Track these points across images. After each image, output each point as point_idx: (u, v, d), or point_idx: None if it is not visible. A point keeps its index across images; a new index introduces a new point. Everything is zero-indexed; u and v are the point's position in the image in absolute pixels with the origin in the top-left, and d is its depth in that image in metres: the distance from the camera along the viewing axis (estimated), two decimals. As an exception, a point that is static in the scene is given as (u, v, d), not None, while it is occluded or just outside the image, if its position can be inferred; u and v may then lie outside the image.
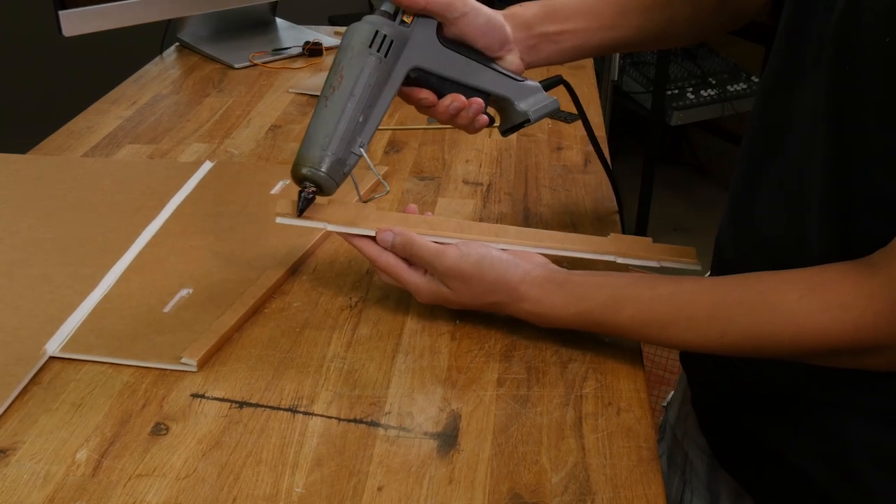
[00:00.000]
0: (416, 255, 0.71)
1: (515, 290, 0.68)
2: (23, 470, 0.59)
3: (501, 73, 0.78)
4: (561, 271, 0.70)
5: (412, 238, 0.71)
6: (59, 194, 0.96)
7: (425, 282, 0.71)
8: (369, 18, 0.75)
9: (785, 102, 0.64)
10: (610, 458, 0.61)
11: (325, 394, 0.67)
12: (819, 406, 0.65)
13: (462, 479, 0.59)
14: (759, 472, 0.71)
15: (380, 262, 0.72)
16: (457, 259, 0.69)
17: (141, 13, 1.34)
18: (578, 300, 0.67)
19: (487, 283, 0.69)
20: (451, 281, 0.69)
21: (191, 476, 0.59)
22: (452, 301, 0.71)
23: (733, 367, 0.70)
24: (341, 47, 0.74)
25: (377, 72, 0.73)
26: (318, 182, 0.72)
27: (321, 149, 0.71)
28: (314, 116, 0.73)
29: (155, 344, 0.71)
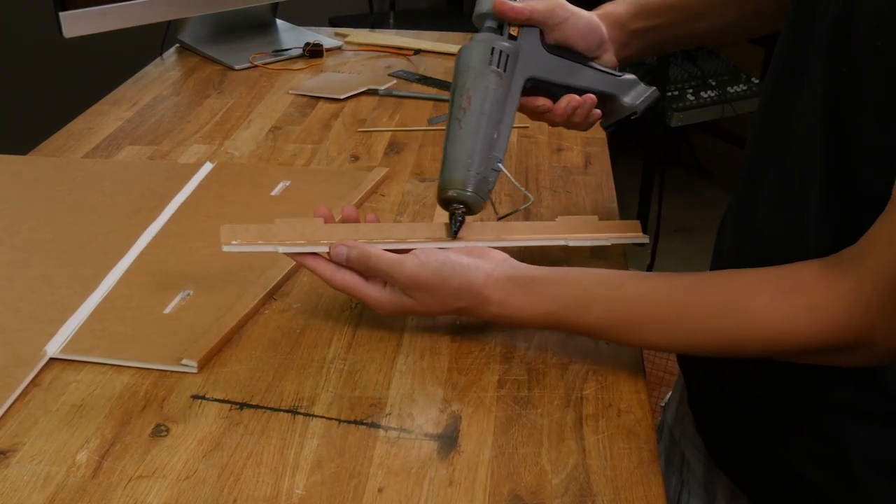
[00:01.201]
0: (374, 267, 0.68)
1: (480, 294, 0.67)
2: (23, 471, 0.59)
3: (604, 72, 0.81)
4: (523, 268, 0.68)
5: (367, 251, 0.68)
6: (59, 195, 0.96)
7: (386, 294, 0.69)
8: (480, 37, 0.77)
9: (786, 104, 0.64)
10: (610, 460, 0.61)
11: (325, 395, 0.67)
12: (814, 406, 0.65)
13: (462, 480, 0.59)
14: (754, 472, 0.71)
15: (336, 281, 0.69)
16: (417, 268, 0.67)
17: (141, 14, 1.34)
18: (543, 301, 0.66)
19: (451, 290, 0.67)
20: (413, 291, 0.67)
21: (191, 477, 0.59)
22: (416, 311, 0.69)
23: (729, 367, 0.70)
24: (460, 69, 0.76)
25: (500, 87, 0.75)
26: (466, 202, 0.74)
27: (465, 169, 0.73)
28: (450, 140, 0.75)
29: (155, 345, 0.71)
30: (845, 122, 0.57)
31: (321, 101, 1.27)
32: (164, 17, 1.39)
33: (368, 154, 1.09)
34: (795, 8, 0.63)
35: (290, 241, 0.70)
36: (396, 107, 1.25)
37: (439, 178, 0.75)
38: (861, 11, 0.55)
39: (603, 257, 0.85)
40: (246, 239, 0.69)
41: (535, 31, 0.78)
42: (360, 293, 0.69)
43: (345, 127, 1.18)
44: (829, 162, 0.59)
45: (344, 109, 1.24)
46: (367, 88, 1.30)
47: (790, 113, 0.63)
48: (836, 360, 0.58)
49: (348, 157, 1.09)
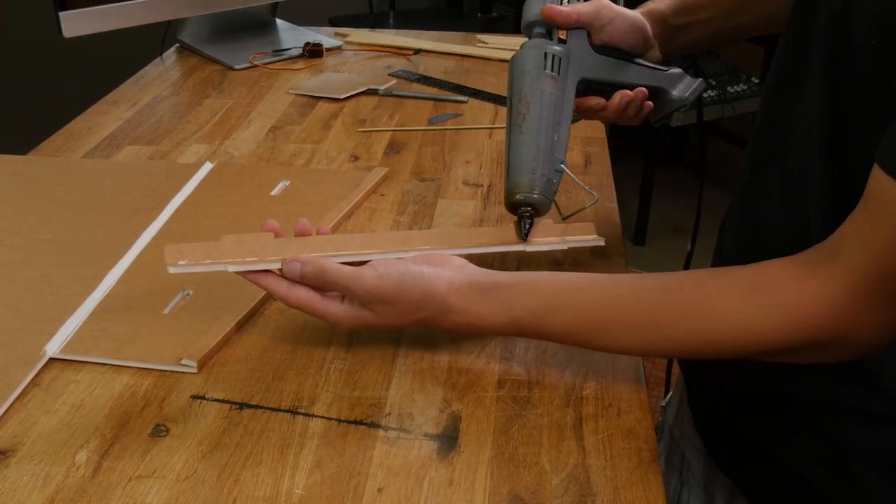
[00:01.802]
0: (331, 282, 0.65)
1: (443, 303, 0.65)
2: (23, 471, 0.59)
3: (651, 67, 0.82)
4: (486, 274, 0.66)
5: (323, 265, 0.65)
6: (58, 195, 0.96)
7: (345, 310, 0.66)
8: (531, 43, 0.79)
9: (786, 103, 0.64)
10: (610, 460, 0.61)
11: (325, 395, 0.67)
12: (813, 406, 0.65)
13: (462, 480, 0.59)
14: (753, 472, 0.71)
15: (290, 298, 0.66)
16: (376, 281, 0.64)
17: (141, 14, 1.34)
18: (508, 307, 0.64)
19: (412, 301, 0.65)
20: (374, 304, 0.65)
21: (191, 477, 0.59)
22: (377, 324, 0.66)
23: (728, 367, 0.70)
24: (515, 75, 0.77)
25: (556, 90, 0.77)
26: (533, 204, 0.74)
27: (530, 173, 0.74)
28: (512, 145, 0.76)
29: (155, 345, 0.71)
30: (845, 122, 0.57)
31: (321, 101, 1.27)
32: (164, 16, 1.39)
33: (368, 154, 1.09)
34: (796, 7, 0.63)
35: (240, 259, 0.67)
36: (396, 107, 1.25)
37: (505, 183, 0.75)
38: (859, 11, 0.55)
39: (603, 257, 0.85)
40: (193, 258, 0.66)
41: (582, 34, 0.80)
42: (317, 310, 0.66)
43: (345, 127, 1.18)
44: (829, 162, 0.59)
45: (344, 109, 1.24)
46: (367, 88, 1.30)
47: (790, 113, 0.63)
48: (806, 358, 0.58)
49: (348, 156, 1.09)
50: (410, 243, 0.72)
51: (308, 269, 0.66)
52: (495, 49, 1.47)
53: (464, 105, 1.25)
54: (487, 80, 1.35)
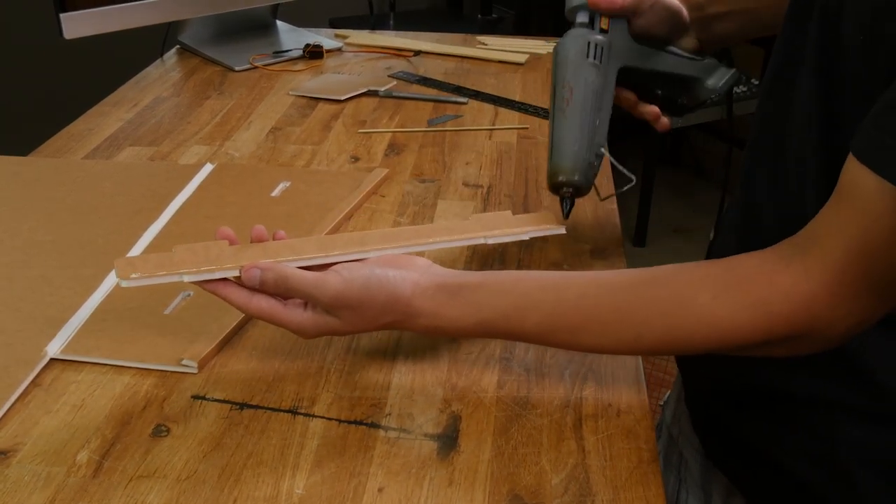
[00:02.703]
0: (294, 288, 0.63)
1: (409, 306, 0.63)
2: (24, 471, 0.60)
3: (687, 57, 0.85)
4: (452, 275, 0.65)
5: (284, 272, 0.63)
6: (59, 196, 0.96)
7: (308, 317, 0.64)
8: (574, 33, 0.80)
9: (783, 101, 0.64)
10: (610, 460, 0.61)
11: (325, 395, 0.67)
12: (807, 405, 0.65)
13: (462, 480, 0.59)
14: (749, 472, 0.71)
15: (251, 308, 0.64)
16: (341, 286, 0.62)
17: (142, 16, 1.35)
18: (477, 309, 0.63)
19: (379, 306, 0.63)
20: (339, 310, 0.63)
21: (191, 477, 0.59)
22: (342, 331, 0.65)
23: (725, 366, 0.70)
24: (559, 62, 0.79)
25: (598, 77, 0.79)
26: (575, 185, 0.77)
27: (573, 156, 0.76)
28: (556, 129, 0.78)
29: (156, 345, 0.71)
30: (838, 120, 0.58)
31: (321, 103, 1.27)
32: (165, 18, 1.40)
33: (368, 155, 1.09)
34: (793, 4, 0.64)
35: (195, 269, 0.64)
36: (396, 108, 1.25)
37: (548, 164, 0.77)
38: (850, 9, 0.55)
39: (603, 257, 0.85)
40: (145, 271, 0.64)
41: (623, 22, 0.81)
42: (279, 319, 0.64)
43: (345, 128, 1.18)
44: (825, 159, 0.59)
45: (344, 110, 1.24)
46: (368, 89, 1.30)
47: (786, 110, 0.63)
48: (780, 352, 0.58)
49: (348, 157, 1.09)
50: (368, 243, 0.70)
51: (268, 276, 0.63)
52: (495, 50, 1.47)
53: (464, 106, 1.25)
54: (487, 81, 1.36)
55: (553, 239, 0.89)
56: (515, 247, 0.87)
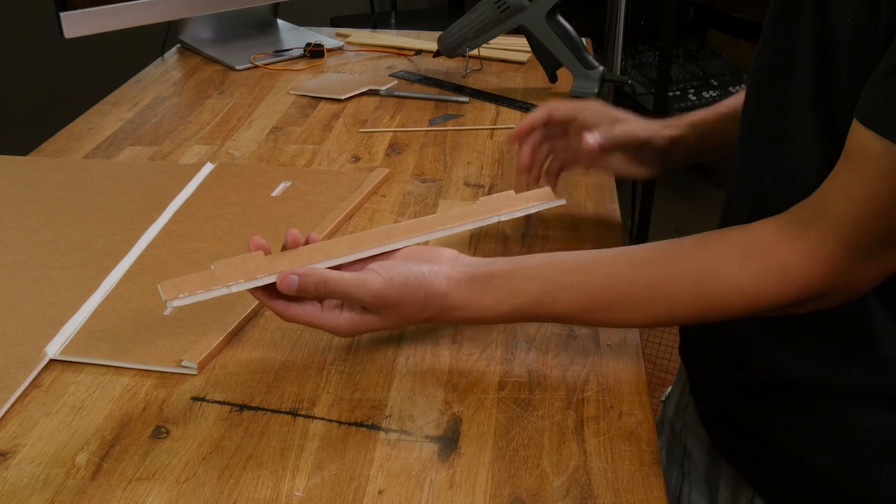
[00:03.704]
0: (334, 290, 0.64)
1: (445, 300, 0.65)
2: (23, 473, 0.59)
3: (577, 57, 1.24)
4: (481, 264, 0.66)
5: (324, 275, 0.64)
6: (59, 196, 0.96)
7: (345, 319, 0.65)
8: None
9: (777, 95, 0.63)
10: (612, 462, 0.61)
11: (325, 397, 0.67)
12: (819, 393, 0.65)
13: (463, 482, 0.59)
14: (759, 461, 0.71)
15: (287, 315, 0.65)
16: (383, 286, 0.63)
17: (142, 15, 1.34)
18: (510, 296, 0.65)
19: (418, 303, 0.64)
20: (380, 309, 0.64)
21: (191, 480, 0.59)
22: (379, 327, 0.66)
23: (732, 355, 0.70)
24: None
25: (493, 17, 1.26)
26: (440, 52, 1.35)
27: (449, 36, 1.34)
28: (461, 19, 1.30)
29: (155, 347, 0.71)
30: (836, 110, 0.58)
31: (322, 102, 1.27)
32: (165, 17, 1.39)
33: (369, 154, 1.09)
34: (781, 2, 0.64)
35: (234, 281, 0.65)
36: (397, 107, 1.25)
37: None
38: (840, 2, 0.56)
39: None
40: (189, 290, 0.64)
41: None
42: (317, 323, 0.65)
43: (346, 127, 1.18)
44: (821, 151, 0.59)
45: (345, 110, 1.24)
46: (369, 89, 1.30)
47: (781, 104, 0.63)
48: (806, 309, 0.61)
49: (349, 157, 1.08)
50: (394, 236, 0.71)
51: (308, 280, 0.64)
52: (496, 49, 1.46)
53: (465, 106, 1.25)
54: (488, 80, 1.35)
55: (555, 238, 0.88)
56: (517, 245, 0.87)
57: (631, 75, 2.67)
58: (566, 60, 1.24)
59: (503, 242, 0.88)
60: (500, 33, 1.27)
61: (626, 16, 2.19)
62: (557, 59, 1.26)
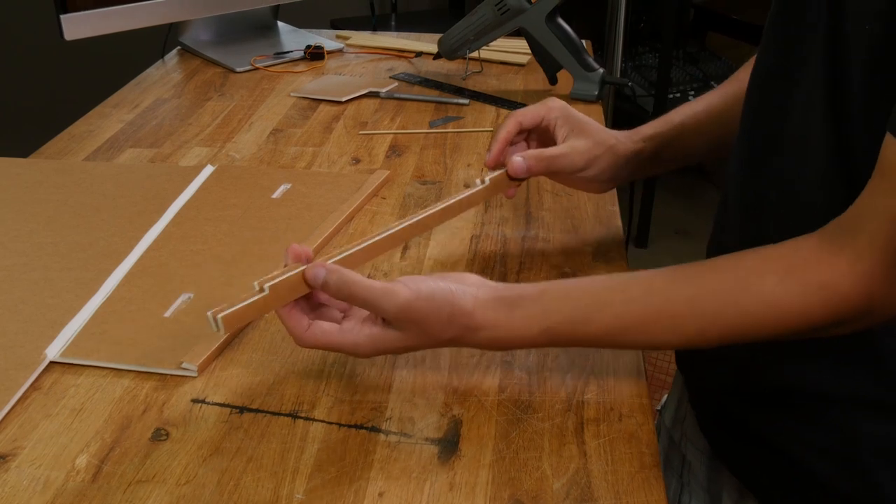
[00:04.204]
0: (357, 295, 0.60)
1: (471, 319, 0.61)
2: (22, 475, 0.59)
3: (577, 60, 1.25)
4: (507, 288, 0.63)
5: (350, 277, 0.60)
6: (60, 198, 0.96)
7: (365, 335, 0.61)
8: None
9: (781, 94, 0.63)
10: (612, 465, 0.61)
11: (325, 399, 0.67)
12: (823, 400, 0.65)
13: (463, 485, 0.59)
14: (762, 470, 0.70)
15: (306, 340, 0.61)
16: (410, 296, 0.60)
17: (143, 17, 1.34)
18: (540, 318, 0.62)
19: (444, 320, 0.61)
20: (404, 324, 0.60)
21: (191, 482, 0.59)
22: (401, 347, 0.62)
23: (733, 364, 0.70)
24: None
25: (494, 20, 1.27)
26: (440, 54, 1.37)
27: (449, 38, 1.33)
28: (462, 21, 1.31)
29: (155, 349, 0.71)
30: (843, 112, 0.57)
31: (322, 104, 1.27)
32: (166, 19, 1.39)
33: (370, 157, 1.09)
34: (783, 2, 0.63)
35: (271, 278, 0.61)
36: (398, 109, 1.25)
37: None
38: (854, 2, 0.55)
39: (605, 260, 0.85)
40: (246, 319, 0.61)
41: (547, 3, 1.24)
42: (336, 343, 0.61)
43: (346, 129, 1.18)
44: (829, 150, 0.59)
45: (345, 112, 1.24)
46: (369, 91, 1.30)
47: (786, 105, 0.63)
48: (843, 331, 0.59)
49: (349, 159, 1.08)
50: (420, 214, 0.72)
51: (332, 277, 0.61)
52: (496, 52, 1.47)
53: (465, 108, 1.25)
54: (489, 82, 1.35)
55: (555, 241, 0.88)
56: (517, 248, 0.87)
57: (631, 77, 2.67)
58: (566, 62, 1.25)
59: (503, 245, 0.88)
60: (500, 35, 1.28)
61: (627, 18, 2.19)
62: (557, 62, 1.26)
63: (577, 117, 0.82)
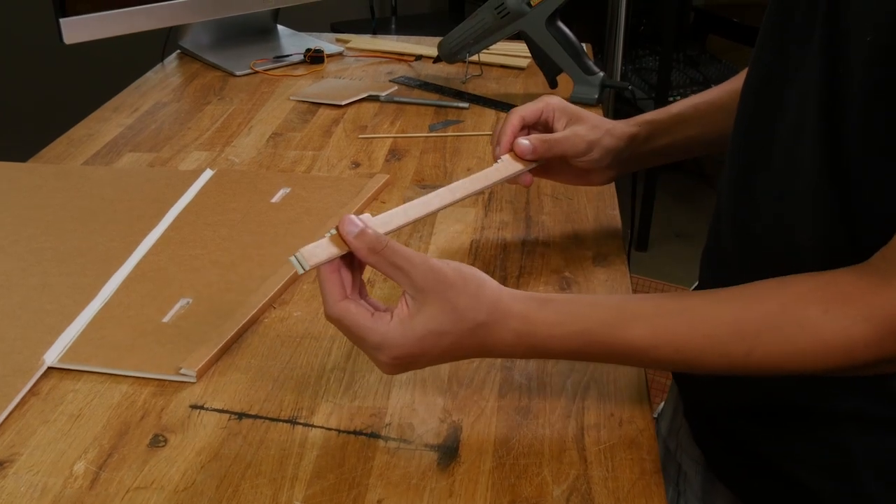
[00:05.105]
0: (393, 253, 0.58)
1: (500, 301, 0.58)
2: (20, 482, 0.59)
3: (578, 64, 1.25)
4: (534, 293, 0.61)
5: (387, 239, 0.58)
6: (59, 203, 0.95)
7: (395, 324, 0.57)
8: None
9: (776, 98, 0.63)
10: (612, 471, 0.60)
11: (324, 405, 0.66)
12: (816, 414, 0.65)
13: (463, 491, 0.58)
14: (756, 483, 0.70)
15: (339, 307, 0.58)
16: (439, 264, 0.58)
17: (142, 21, 1.34)
18: (573, 318, 0.58)
19: (472, 292, 0.57)
20: (432, 293, 0.57)
21: (189, 488, 0.58)
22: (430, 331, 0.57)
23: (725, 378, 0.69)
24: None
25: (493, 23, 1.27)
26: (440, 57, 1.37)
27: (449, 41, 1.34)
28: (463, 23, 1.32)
29: (154, 354, 0.71)
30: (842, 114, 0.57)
31: (322, 108, 1.27)
32: (165, 23, 1.39)
33: (369, 161, 1.09)
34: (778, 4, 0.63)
35: None
36: (398, 113, 1.24)
37: None
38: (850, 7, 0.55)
39: (605, 264, 0.85)
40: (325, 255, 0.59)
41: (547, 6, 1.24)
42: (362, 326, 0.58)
43: (346, 133, 1.17)
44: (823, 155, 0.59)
45: (345, 116, 1.23)
46: (369, 95, 1.29)
47: (781, 107, 0.62)
48: (884, 369, 0.56)
49: (349, 163, 1.08)
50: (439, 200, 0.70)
51: (370, 233, 0.58)
52: (496, 55, 1.46)
53: (465, 111, 1.25)
54: (488, 86, 1.35)
55: (555, 245, 0.88)
56: (517, 252, 0.87)
57: (631, 80, 2.67)
58: (566, 66, 1.25)
59: (503, 249, 0.88)
60: (500, 39, 1.28)
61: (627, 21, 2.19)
62: (558, 65, 1.25)
63: (574, 109, 0.83)
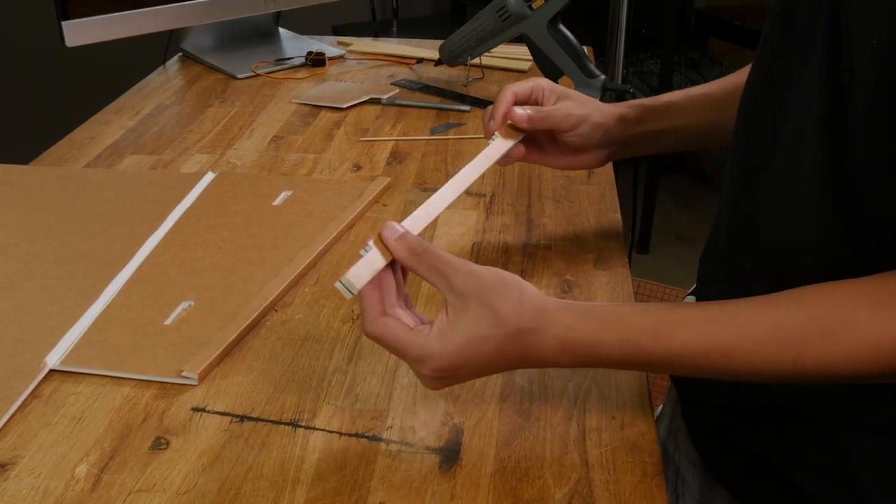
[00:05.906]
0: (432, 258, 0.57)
1: (544, 309, 0.57)
2: (22, 485, 0.59)
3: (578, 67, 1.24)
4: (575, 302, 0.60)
5: (426, 243, 0.58)
6: (60, 205, 0.95)
7: (434, 334, 0.57)
8: None
9: (777, 99, 0.63)
10: (614, 474, 0.60)
11: (326, 408, 0.66)
12: (816, 418, 0.64)
13: (464, 494, 0.58)
14: (755, 487, 0.70)
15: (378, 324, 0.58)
16: (480, 268, 0.57)
17: (144, 23, 1.35)
18: (618, 326, 0.57)
19: (514, 297, 0.57)
20: (473, 298, 0.56)
21: (191, 491, 0.59)
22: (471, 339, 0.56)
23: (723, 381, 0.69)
24: None
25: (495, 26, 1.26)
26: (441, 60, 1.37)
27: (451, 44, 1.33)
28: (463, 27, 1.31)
29: (156, 357, 0.71)
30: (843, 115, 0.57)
31: (324, 111, 1.27)
32: (167, 26, 1.39)
33: (371, 163, 1.09)
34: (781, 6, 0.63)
35: None
36: (399, 116, 1.24)
37: None
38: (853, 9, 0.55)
39: (606, 267, 0.85)
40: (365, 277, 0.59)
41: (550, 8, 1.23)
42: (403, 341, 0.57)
43: (347, 136, 1.17)
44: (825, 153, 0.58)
45: (346, 118, 1.24)
46: (370, 97, 1.30)
47: (782, 110, 0.62)
48: None
49: (350, 166, 1.08)
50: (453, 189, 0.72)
51: (411, 237, 0.58)
52: (498, 58, 1.47)
53: (466, 114, 1.25)
54: (490, 89, 1.35)
55: (557, 248, 0.88)
56: (519, 255, 0.87)
57: (632, 83, 2.67)
58: (567, 69, 1.25)
59: (504, 252, 0.88)
60: (501, 42, 1.28)
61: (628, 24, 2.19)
62: (559, 68, 1.25)
63: (563, 88, 0.85)
